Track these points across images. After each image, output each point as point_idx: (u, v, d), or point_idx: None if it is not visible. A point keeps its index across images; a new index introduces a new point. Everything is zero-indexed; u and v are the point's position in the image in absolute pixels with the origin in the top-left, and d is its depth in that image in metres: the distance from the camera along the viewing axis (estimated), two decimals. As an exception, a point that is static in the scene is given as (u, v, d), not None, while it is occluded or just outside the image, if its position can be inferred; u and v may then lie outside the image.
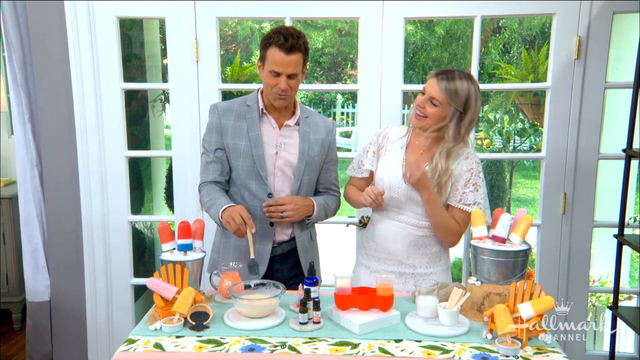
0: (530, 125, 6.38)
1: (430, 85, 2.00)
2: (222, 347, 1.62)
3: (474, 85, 2.00)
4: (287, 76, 2.01)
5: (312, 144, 2.17)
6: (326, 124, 2.26)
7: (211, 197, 2.08)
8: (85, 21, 2.75)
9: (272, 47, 2.00)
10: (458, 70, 2.03)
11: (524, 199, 8.43)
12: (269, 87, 2.06)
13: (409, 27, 9.84)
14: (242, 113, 2.14)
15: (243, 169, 2.13)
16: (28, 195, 2.99)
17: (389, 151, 2.15)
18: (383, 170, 2.12)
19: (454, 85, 1.96)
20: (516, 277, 1.80)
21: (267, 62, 2.02)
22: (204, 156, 2.18)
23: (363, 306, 1.79)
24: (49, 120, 2.87)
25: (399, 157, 2.12)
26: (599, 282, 3.71)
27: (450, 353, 1.58)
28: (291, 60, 2.00)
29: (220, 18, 2.76)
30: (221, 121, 2.13)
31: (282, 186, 2.16)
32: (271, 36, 2.01)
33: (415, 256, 2.11)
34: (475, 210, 1.94)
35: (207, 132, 2.17)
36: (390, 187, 2.08)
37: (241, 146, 2.12)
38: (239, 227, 1.93)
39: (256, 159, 2.10)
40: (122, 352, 1.61)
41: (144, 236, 3.88)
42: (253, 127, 2.12)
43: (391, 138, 2.17)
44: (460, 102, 1.97)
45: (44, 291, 3.03)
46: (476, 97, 2.00)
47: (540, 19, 8.77)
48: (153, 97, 3.99)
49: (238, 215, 1.94)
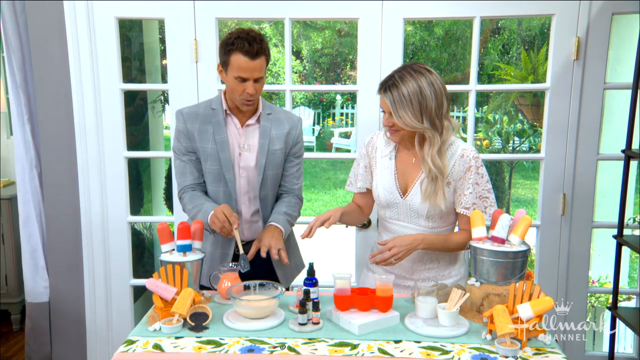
0: (529, 126, 6.39)
1: (382, 102, 1.92)
2: (222, 348, 1.61)
3: (422, 74, 1.87)
4: (253, 80, 2.01)
5: (274, 138, 2.16)
6: (290, 119, 2.24)
7: (195, 203, 2.08)
8: (85, 22, 2.75)
9: (236, 53, 1.98)
10: (398, 70, 1.91)
11: (523, 200, 8.43)
12: (236, 94, 2.04)
13: (408, 27, 9.85)
14: (208, 117, 2.13)
15: (210, 172, 2.13)
16: (27, 196, 2.99)
17: (379, 165, 2.06)
18: (377, 188, 2.05)
19: (398, 93, 1.86)
20: (515, 278, 1.80)
21: (232, 68, 2.00)
22: (177, 161, 2.17)
23: (362, 307, 1.79)
24: (48, 121, 2.87)
25: (390, 170, 2.03)
26: (598, 282, 3.72)
27: (449, 354, 1.58)
28: (257, 65, 2.00)
29: (219, 19, 2.76)
30: (187, 126, 2.12)
31: (246, 187, 2.17)
32: (234, 42, 1.98)
33: (420, 271, 2.05)
34: (475, 211, 1.92)
35: (176, 139, 2.16)
36: (388, 204, 2.03)
37: (208, 149, 2.12)
38: (223, 224, 1.94)
39: (222, 163, 2.10)
40: (122, 353, 1.61)
41: (143, 237, 3.88)
42: (219, 129, 2.11)
43: (379, 148, 2.08)
44: (414, 103, 1.85)
45: (43, 292, 3.02)
46: (429, 84, 1.86)
47: (540, 20, 8.77)
48: (152, 98, 3.99)
49: (221, 213, 1.95)
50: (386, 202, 2.03)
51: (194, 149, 2.14)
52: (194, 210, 2.08)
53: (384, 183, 2.03)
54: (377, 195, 2.05)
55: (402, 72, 1.88)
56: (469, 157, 1.95)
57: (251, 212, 2.20)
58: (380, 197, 2.04)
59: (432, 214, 1.98)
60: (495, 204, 2.00)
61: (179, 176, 2.17)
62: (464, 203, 1.96)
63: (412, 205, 1.98)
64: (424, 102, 1.86)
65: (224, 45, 2.01)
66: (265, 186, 2.18)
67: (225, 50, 2.01)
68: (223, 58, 2.04)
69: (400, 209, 2.01)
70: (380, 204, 2.07)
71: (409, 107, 1.85)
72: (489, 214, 1.97)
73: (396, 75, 1.88)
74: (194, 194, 2.12)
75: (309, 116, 11.95)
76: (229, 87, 2.06)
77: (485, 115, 7.51)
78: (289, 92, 2.83)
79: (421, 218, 1.99)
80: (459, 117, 11.82)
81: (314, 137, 11.63)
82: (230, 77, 2.03)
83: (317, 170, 10.09)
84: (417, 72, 1.87)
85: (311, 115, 11.99)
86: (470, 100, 2.78)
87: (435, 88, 1.87)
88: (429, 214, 1.97)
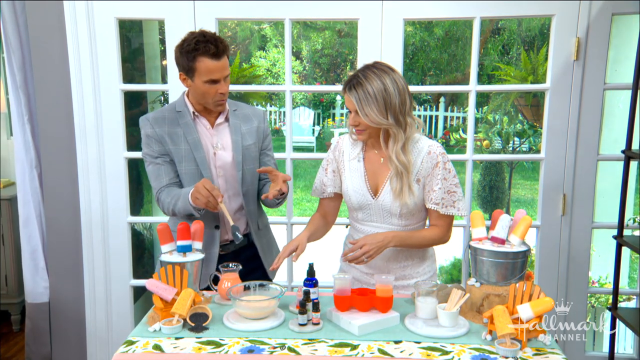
0: (529, 126, 6.38)
1: (347, 101, 1.93)
2: (222, 349, 1.61)
3: (385, 72, 1.89)
4: (223, 79, 2.02)
5: (245, 134, 2.17)
6: (256, 112, 2.25)
7: (172, 195, 2.06)
8: (85, 22, 2.75)
9: (202, 58, 1.96)
10: (362, 69, 1.91)
11: (523, 200, 8.43)
12: (209, 97, 2.04)
13: (408, 28, 9.85)
14: (175, 120, 2.12)
15: (187, 173, 2.12)
16: (27, 196, 2.99)
17: (347, 168, 2.05)
18: (348, 191, 2.04)
19: (363, 91, 1.86)
20: (515, 278, 1.80)
21: (200, 73, 1.98)
22: (150, 166, 2.14)
23: (362, 307, 1.79)
24: (48, 122, 2.87)
25: (360, 172, 2.03)
26: (598, 283, 3.72)
27: (449, 354, 1.58)
28: (224, 64, 2.01)
29: (219, 19, 2.76)
30: (156, 130, 2.10)
31: (225, 185, 2.16)
32: (197, 47, 1.96)
33: (395, 270, 2.05)
34: (475, 211, 1.93)
35: (146, 145, 2.12)
36: (360, 206, 2.02)
37: (182, 150, 2.10)
38: (208, 199, 1.91)
39: (199, 162, 2.10)
40: (121, 354, 1.61)
41: (143, 237, 3.88)
42: (189, 130, 2.11)
43: (346, 152, 2.07)
44: (379, 100, 1.86)
45: (43, 292, 3.02)
46: (392, 82, 1.88)
47: (540, 20, 8.78)
48: (152, 98, 3.99)
49: (202, 188, 1.92)
50: (358, 204, 2.03)
51: (166, 152, 2.11)
52: (173, 200, 2.05)
53: (355, 186, 2.03)
54: (349, 198, 2.05)
55: (366, 72, 1.90)
56: (435, 154, 1.97)
57: (233, 209, 2.20)
58: (352, 200, 2.04)
59: (405, 212, 1.99)
60: (463, 198, 2.00)
61: (155, 179, 2.13)
62: (434, 199, 1.97)
63: (384, 205, 1.99)
64: (388, 98, 1.87)
65: (186, 52, 1.98)
66: (246, 181, 2.18)
67: (188, 57, 1.98)
68: (187, 65, 2.00)
69: (372, 210, 2.02)
70: (352, 207, 2.06)
71: (374, 104, 1.87)
72: (457, 207, 1.98)
73: (360, 75, 1.90)
74: (170, 189, 2.10)
75: (309, 116, 11.94)
76: (199, 92, 2.04)
77: (485, 115, 7.51)
78: (289, 93, 2.83)
79: (394, 217, 2.00)
80: (459, 117, 11.84)
81: (314, 137, 11.62)
82: (198, 82, 2.01)
83: (317, 171, 10.07)
84: (380, 71, 1.90)
85: (311, 115, 11.98)
86: (470, 100, 2.78)
87: (399, 85, 1.90)
88: (401, 212, 1.98)
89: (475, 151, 4.44)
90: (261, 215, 2.33)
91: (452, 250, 5.32)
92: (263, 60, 12.69)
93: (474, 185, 5.23)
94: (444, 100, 12.11)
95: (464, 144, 6.13)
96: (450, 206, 1.97)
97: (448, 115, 12.18)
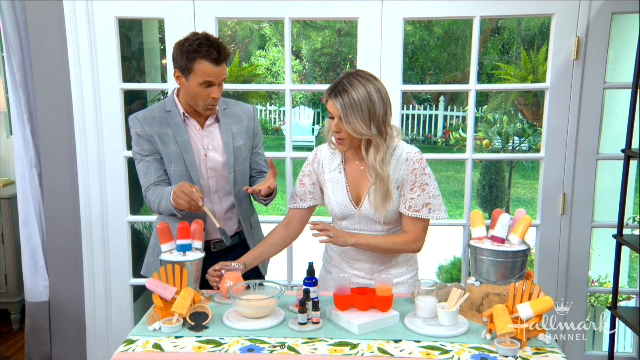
0: (529, 125, 6.39)
1: (331, 107, 1.89)
2: (222, 348, 1.62)
3: (369, 81, 1.86)
4: (218, 84, 2.01)
5: (236, 134, 2.16)
6: (246, 110, 2.24)
7: (157, 193, 2.04)
8: (85, 22, 2.75)
9: (202, 61, 1.95)
10: (346, 76, 1.88)
11: (523, 200, 8.44)
12: (200, 99, 2.03)
13: (408, 27, 9.85)
14: (165, 119, 2.11)
15: (176, 175, 2.10)
16: (27, 195, 2.99)
17: (328, 180, 2.03)
18: (330, 203, 2.03)
19: (349, 98, 1.83)
20: (515, 278, 1.81)
21: (196, 74, 1.97)
22: (140, 164, 2.12)
23: (362, 307, 1.79)
24: (48, 121, 2.87)
25: (341, 184, 2.01)
26: (598, 282, 3.72)
27: (449, 353, 1.58)
28: (223, 70, 2.01)
29: (219, 19, 2.76)
30: (146, 130, 2.09)
31: (217, 186, 2.16)
32: (199, 50, 1.94)
33: (380, 272, 2.05)
34: (475, 211, 1.94)
35: (136, 143, 2.11)
36: (344, 216, 2.01)
37: (171, 151, 2.09)
38: (190, 203, 1.90)
39: (188, 164, 2.09)
40: (121, 353, 1.61)
41: (143, 236, 3.88)
42: (179, 132, 2.09)
43: (326, 164, 2.05)
44: (364, 109, 1.84)
45: (43, 292, 3.02)
46: (376, 91, 1.85)
47: (540, 20, 8.78)
48: (152, 98, 3.99)
49: (180, 191, 1.90)
50: (342, 214, 2.02)
51: (157, 151, 2.10)
52: (157, 199, 2.03)
53: (337, 198, 2.01)
54: (332, 209, 2.04)
55: (350, 79, 1.87)
56: (412, 160, 1.95)
57: (224, 209, 2.20)
58: (335, 212, 2.03)
59: (389, 219, 1.98)
60: (439, 203, 1.97)
61: (143, 176, 2.11)
62: (414, 206, 1.94)
63: (367, 214, 1.98)
64: (372, 108, 1.85)
65: (187, 52, 1.96)
66: (238, 183, 2.17)
67: (188, 57, 1.96)
68: (185, 64, 1.98)
69: (355, 219, 2.01)
70: (336, 217, 2.05)
71: (359, 113, 1.84)
72: (444, 210, 1.97)
73: (345, 81, 1.86)
74: (157, 187, 2.08)
75: (309, 116, 11.95)
76: (192, 93, 2.03)
77: (485, 115, 7.51)
78: (289, 92, 2.83)
79: (377, 224, 1.99)
80: (459, 116, 11.85)
81: (314, 136, 11.63)
82: (193, 83, 1.99)
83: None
84: (365, 79, 1.87)
85: (311, 115, 11.99)
86: (470, 100, 2.78)
87: (382, 95, 1.88)
88: (385, 219, 1.97)
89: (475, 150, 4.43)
90: (253, 213, 2.33)
91: (452, 250, 5.33)
92: (263, 59, 12.69)
93: (474, 185, 5.23)
94: (444, 100, 12.13)
95: (464, 143, 6.14)
96: (422, 210, 1.94)
97: (448, 115, 12.19)
